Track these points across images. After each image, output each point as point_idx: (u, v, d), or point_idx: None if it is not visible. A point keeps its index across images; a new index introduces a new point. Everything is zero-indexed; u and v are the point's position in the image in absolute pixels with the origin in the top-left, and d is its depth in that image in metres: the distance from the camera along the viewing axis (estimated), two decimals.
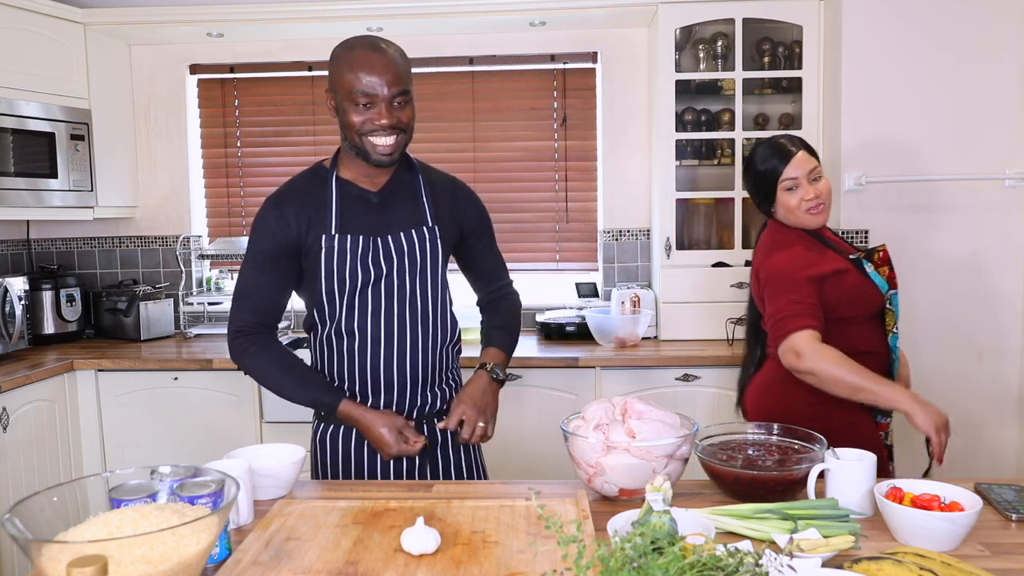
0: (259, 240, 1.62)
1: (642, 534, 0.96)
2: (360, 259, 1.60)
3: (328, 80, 1.58)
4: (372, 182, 1.64)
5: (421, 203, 1.67)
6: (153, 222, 3.59)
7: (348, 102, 1.53)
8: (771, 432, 1.54)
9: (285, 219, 1.59)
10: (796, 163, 1.84)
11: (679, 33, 3.05)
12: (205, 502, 1.12)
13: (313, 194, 1.62)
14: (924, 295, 2.88)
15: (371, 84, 1.51)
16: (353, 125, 1.54)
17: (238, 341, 1.65)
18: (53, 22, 3.06)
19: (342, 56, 1.55)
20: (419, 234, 1.64)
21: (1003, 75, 2.80)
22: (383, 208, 1.64)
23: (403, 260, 1.62)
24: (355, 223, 1.61)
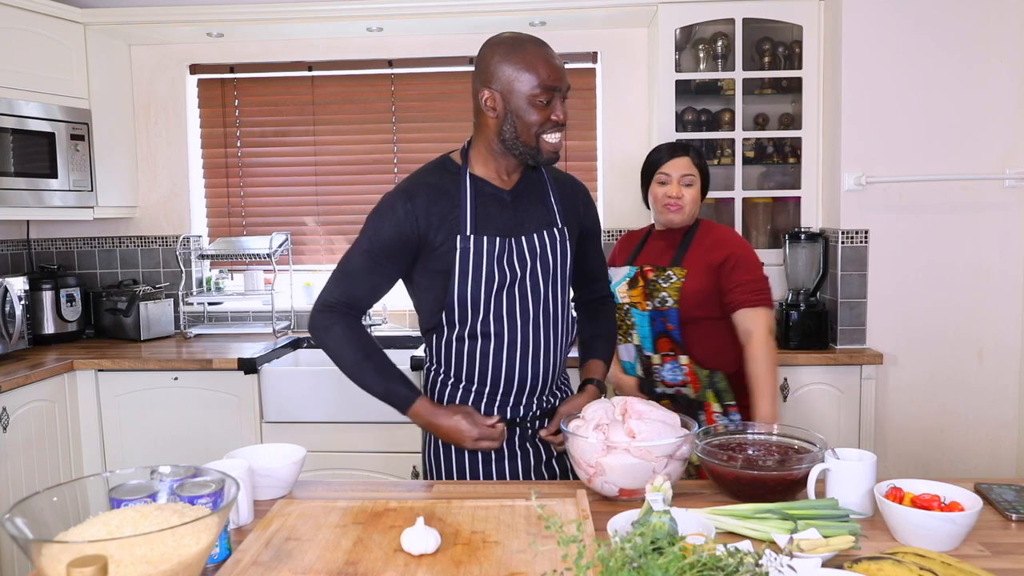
0: (381, 228, 1.57)
1: (642, 534, 0.96)
2: (496, 260, 1.55)
3: (490, 79, 1.50)
4: (504, 181, 1.60)
5: (549, 203, 1.65)
6: (153, 222, 3.59)
7: (527, 99, 1.48)
8: (771, 432, 1.54)
9: (414, 213, 1.54)
10: (676, 163, 2.04)
11: (679, 33, 3.05)
12: (205, 502, 1.12)
13: (445, 190, 1.57)
14: (924, 295, 2.88)
15: (553, 79, 1.48)
16: (531, 123, 1.50)
17: (323, 315, 1.60)
18: (53, 22, 3.06)
19: (515, 54, 1.49)
20: (550, 235, 1.62)
21: (1003, 75, 2.80)
22: (516, 208, 1.60)
23: (535, 262, 1.59)
24: (489, 223, 1.56)
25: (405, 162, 3.54)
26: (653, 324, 2.01)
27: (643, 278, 2.02)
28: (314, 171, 3.57)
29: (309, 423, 2.90)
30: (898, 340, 2.88)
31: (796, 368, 2.81)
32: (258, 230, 3.60)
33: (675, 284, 1.98)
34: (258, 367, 2.90)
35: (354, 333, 1.61)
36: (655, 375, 2.04)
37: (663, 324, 2.00)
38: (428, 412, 1.59)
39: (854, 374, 2.81)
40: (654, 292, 2.00)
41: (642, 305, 2.01)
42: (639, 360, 2.07)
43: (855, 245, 2.87)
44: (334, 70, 3.52)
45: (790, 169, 3.15)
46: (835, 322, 2.89)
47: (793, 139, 3.10)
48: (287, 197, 3.60)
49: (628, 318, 2.06)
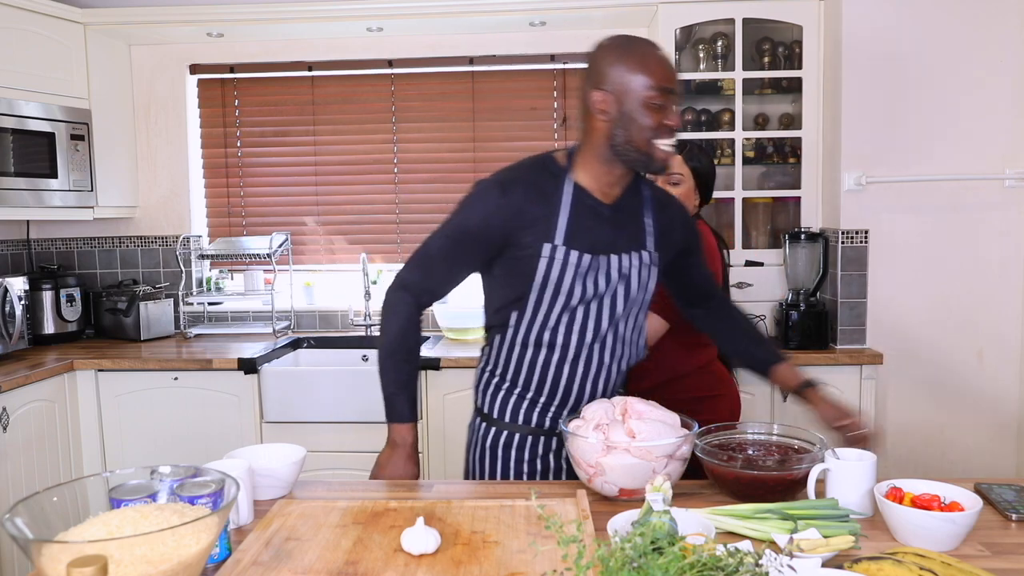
0: (469, 216, 1.51)
1: (642, 534, 0.96)
2: (582, 276, 1.50)
3: (602, 80, 1.44)
4: (606, 193, 1.53)
5: (645, 224, 1.58)
6: (153, 222, 3.59)
7: (641, 102, 1.41)
8: (771, 432, 1.54)
9: (507, 208, 1.48)
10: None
11: (679, 33, 3.05)
12: (205, 502, 1.12)
13: (543, 191, 1.50)
14: (924, 295, 2.88)
15: (667, 80, 1.42)
16: (644, 127, 1.42)
17: (399, 294, 1.58)
18: (53, 22, 3.06)
19: (629, 54, 1.42)
20: (640, 258, 1.56)
21: (1003, 75, 2.80)
22: (613, 224, 1.54)
23: (619, 282, 1.54)
24: (582, 237, 1.50)
25: (405, 162, 3.54)
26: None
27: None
28: (314, 171, 3.57)
29: (309, 423, 2.90)
30: (898, 340, 2.88)
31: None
32: (258, 230, 3.60)
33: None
34: (258, 367, 2.90)
35: (409, 329, 1.58)
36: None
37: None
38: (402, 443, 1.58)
39: (854, 374, 2.81)
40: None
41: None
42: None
43: (855, 245, 2.87)
44: (334, 70, 3.52)
45: (790, 169, 3.15)
46: (835, 322, 2.89)
47: (793, 139, 3.10)
48: (287, 197, 3.60)
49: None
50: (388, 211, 3.56)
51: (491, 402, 1.64)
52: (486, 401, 1.66)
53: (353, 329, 3.46)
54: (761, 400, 2.83)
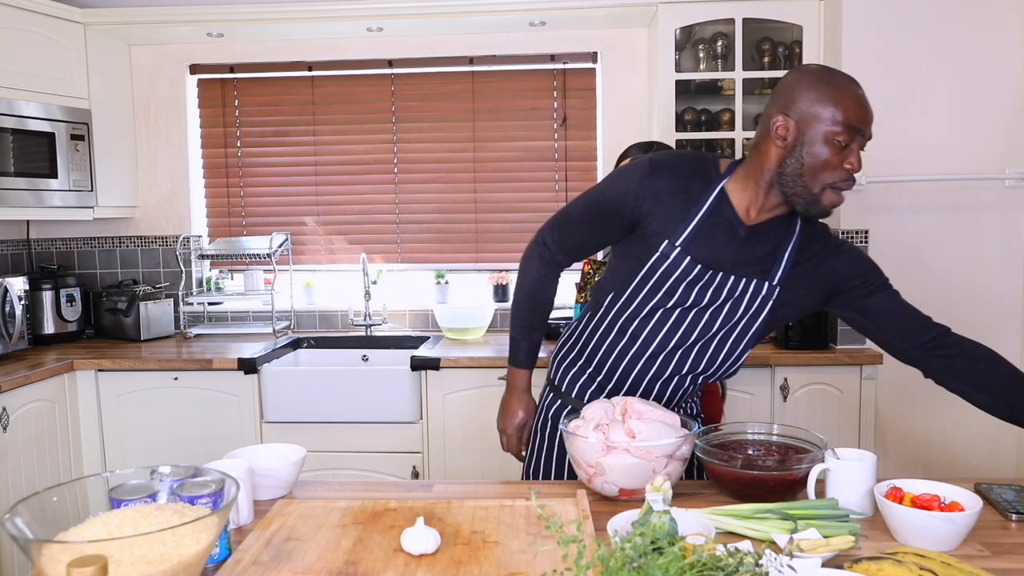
0: (612, 186, 1.51)
1: (642, 534, 0.96)
2: (689, 284, 1.47)
3: (788, 106, 1.37)
4: (751, 215, 1.46)
5: (779, 255, 1.49)
6: (153, 222, 3.59)
7: (824, 135, 1.34)
8: (771, 432, 1.54)
9: (646, 190, 1.46)
10: None
11: (679, 33, 3.05)
12: (205, 502, 1.12)
13: (689, 188, 1.46)
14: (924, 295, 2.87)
15: (859, 120, 1.34)
16: (820, 163, 1.35)
17: (536, 247, 1.64)
18: (53, 22, 3.06)
19: (824, 84, 1.35)
20: (757, 287, 1.48)
21: (1003, 75, 2.80)
22: (744, 245, 1.47)
23: (726, 303, 1.49)
24: (706, 248, 1.45)
25: (405, 162, 3.54)
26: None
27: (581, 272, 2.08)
28: (314, 171, 3.57)
29: (309, 423, 2.90)
30: None
31: (796, 368, 2.81)
32: (258, 230, 3.60)
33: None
34: (258, 367, 2.90)
35: (542, 280, 1.65)
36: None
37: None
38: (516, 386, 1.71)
39: (854, 374, 2.81)
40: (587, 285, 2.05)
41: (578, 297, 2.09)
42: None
43: (855, 245, 2.87)
44: (334, 70, 3.52)
45: None
46: (835, 322, 2.89)
47: None
48: (287, 197, 3.60)
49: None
50: (388, 211, 3.56)
51: (563, 376, 1.70)
52: (558, 374, 1.71)
53: (353, 329, 3.46)
54: (761, 400, 2.83)
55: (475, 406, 2.87)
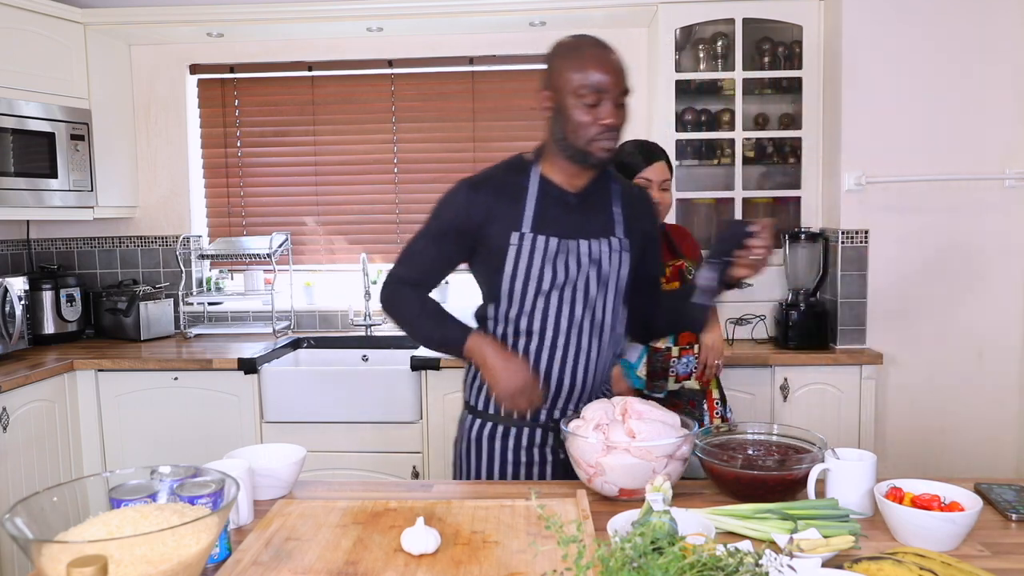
0: (442, 213, 1.61)
1: (642, 534, 0.96)
2: (551, 260, 1.56)
3: (547, 80, 1.55)
4: (572, 183, 1.60)
5: (612, 212, 1.63)
6: (153, 222, 3.59)
7: (575, 98, 1.49)
8: (771, 432, 1.54)
9: (476, 204, 1.56)
10: (655, 169, 2.05)
11: (679, 33, 3.05)
12: (205, 502, 1.12)
13: (511, 186, 1.59)
14: (924, 295, 2.88)
15: (602, 82, 1.47)
16: (578, 124, 1.49)
17: (392, 287, 1.66)
18: (53, 22, 3.06)
19: (570, 54, 1.51)
20: (610, 244, 1.60)
21: (1003, 75, 2.80)
22: (580, 211, 1.60)
23: (590, 267, 1.58)
24: (550, 223, 1.57)
25: (405, 162, 3.54)
26: None
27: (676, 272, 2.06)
28: (314, 171, 3.57)
29: (309, 423, 2.90)
30: (898, 340, 2.88)
31: (796, 368, 2.81)
32: (258, 230, 3.60)
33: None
34: (258, 367, 2.90)
35: (416, 298, 1.66)
36: (670, 370, 2.05)
37: None
38: (482, 345, 1.58)
39: (854, 374, 2.81)
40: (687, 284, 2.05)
41: None
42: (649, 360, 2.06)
43: (855, 245, 2.87)
44: (334, 70, 3.52)
45: (790, 169, 3.15)
46: (835, 322, 2.89)
47: (793, 139, 3.10)
48: (287, 197, 3.60)
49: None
50: (388, 211, 3.55)
51: (478, 395, 1.68)
52: (472, 394, 1.70)
53: (353, 329, 3.46)
54: (761, 400, 2.83)
55: None
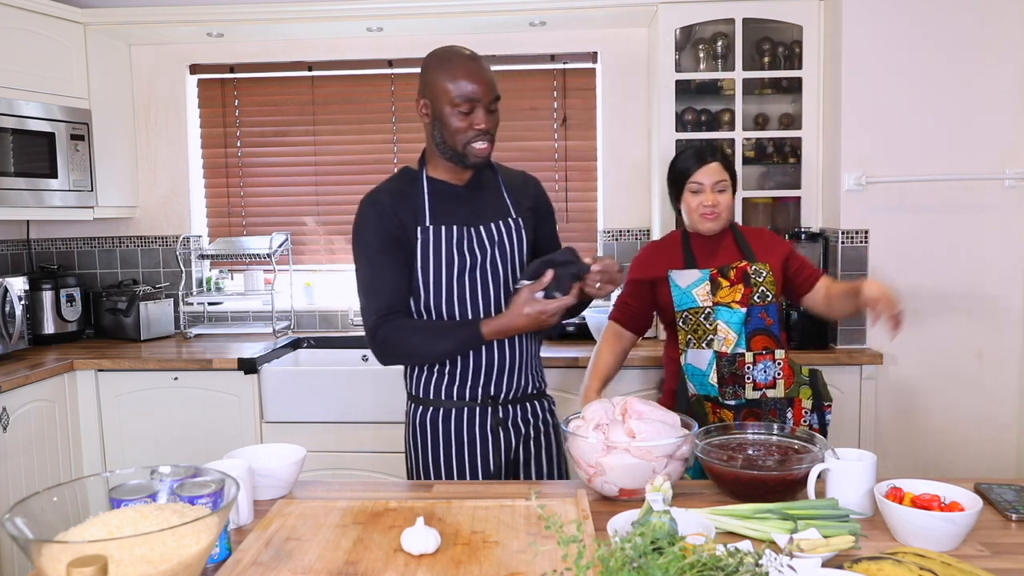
0: (366, 237, 1.69)
1: (642, 534, 0.96)
2: (455, 247, 1.69)
3: (423, 89, 1.68)
4: (458, 179, 1.74)
5: (503, 197, 1.78)
6: (153, 222, 3.59)
7: (449, 107, 1.62)
8: (771, 432, 1.54)
9: (384, 213, 1.69)
10: (707, 171, 2.01)
11: (679, 33, 3.04)
12: (205, 502, 1.12)
13: (405, 191, 1.72)
14: (924, 295, 2.88)
15: (474, 91, 1.61)
16: (455, 129, 1.64)
17: (379, 331, 1.68)
18: (53, 22, 3.06)
19: (442, 66, 1.64)
20: (506, 225, 1.74)
21: (1003, 75, 2.80)
22: (472, 200, 1.74)
23: (494, 249, 1.71)
24: (447, 214, 1.70)
25: (405, 162, 3.52)
26: (749, 321, 1.96)
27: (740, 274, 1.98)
28: (314, 171, 3.57)
29: (309, 423, 2.90)
30: (898, 340, 2.88)
31: None
32: (258, 230, 3.60)
33: (768, 278, 1.98)
34: (258, 367, 2.90)
35: (404, 326, 1.69)
36: (745, 377, 1.95)
37: (761, 320, 1.97)
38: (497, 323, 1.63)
39: (854, 374, 2.81)
40: (754, 287, 1.97)
41: (736, 304, 1.96)
42: (718, 366, 1.96)
43: (855, 245, 2.87)
44: (334, 70, 3.52)
45: (790, 169, 3.15)
46: (835, 322, 2.89)
47: (793, 139, 3.10)
48: (287, 197, 3.60)
49: (708, 321, 1.98)
50: None
51: (417, 384, 1.78)
52: (413, 383, 1.79)
53: (353, 329, 3.46)
54: None
55: None
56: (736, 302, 1.96)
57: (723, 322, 1.96)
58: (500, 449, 1.75)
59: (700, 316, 1.98)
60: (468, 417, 1.74)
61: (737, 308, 1.96)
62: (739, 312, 1.96)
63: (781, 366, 1.98)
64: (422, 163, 1.77)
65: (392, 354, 1.70)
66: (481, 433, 1.74)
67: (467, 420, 1.74)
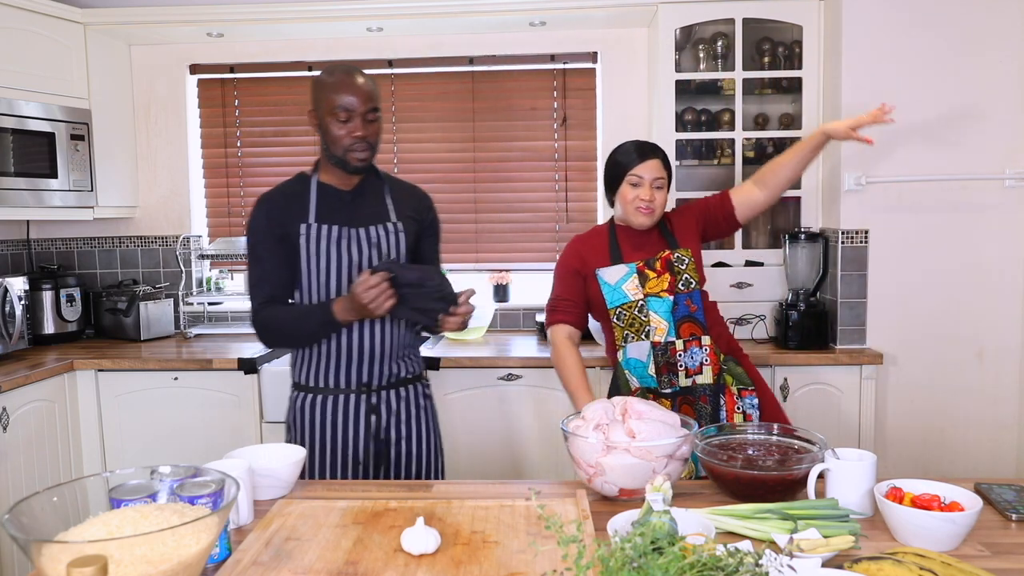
0: (254, 234, 1.87)
1: (642, 534, 0.96)
2: (335, 245, 1.84)
3: (312, 101, 1.84)
4: (345, 184, 1.89)
5: (385, 204, 1.93)
6: (153, 222, 3.59)
7: (330, 117, 1.78)
8: (771, 432, 1.54)
9: (272, 212, 1.85)
10: (648, 166, 2.04)
11: (679, 33, 3.04)
12: (205, 502, 1.12)
13: (296, 193, 1.88)
14: (924, 295, 2.88)
15: (350, 102, 1.77)
16: (336, 137, 1.79)
17: (258, 316, 1.86)
18: (53, 22, 3.06)
19: (324, 79, 1.81)
20: (385, 228, 1.88)
21: (1003, 75, 2.80)
22: (355, 204, 1.89)
23: (371, 249, 1.86)
24: (331, 215, 1.86)
25: (405, 162, 3.54)
26: (676, 309, 2.01)
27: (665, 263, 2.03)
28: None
29: None
30: (898, 340, 2.88)
31: (796, 368, 2.81)
32: None
33: (691, 265, 2.04)
34: (258, 367, 2.90)
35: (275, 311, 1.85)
36: (677, 364, 2.00)
37: (687, 307, 2.02)
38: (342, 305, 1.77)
39: (854, 374, 2.81)
40: (678, 275, 2.02)
41: (664, 292, 2.01)
42: (654, 356, 2.01)
43: (855, 245, 2.87)
44: None
45: None
46: (835, 322, 2.89)
47: (793, 139, 3.09)
48: None
49: (642, 313, 2.01)
50: None
51: (299, 373, 1.92)
52: (296, 372, 1.93)
53: None
54: None
55: (475, 406, 2.87)
56: (664, 291, 2.02)
57: (655, 312, 2.01)
58: (371, 431, 1.88)
59: (634, 310, 2.03)
60: (344, 403, 1.87)
61: (666, 296, 2.01)
62: (667, 300, 2.01)
63: (707, 352, 2.02)
64: (315, 168, 1.92)
65: (268, 338, 1.89)
66: (355, 417, 1.88)
67: (342, 405, 1.87)
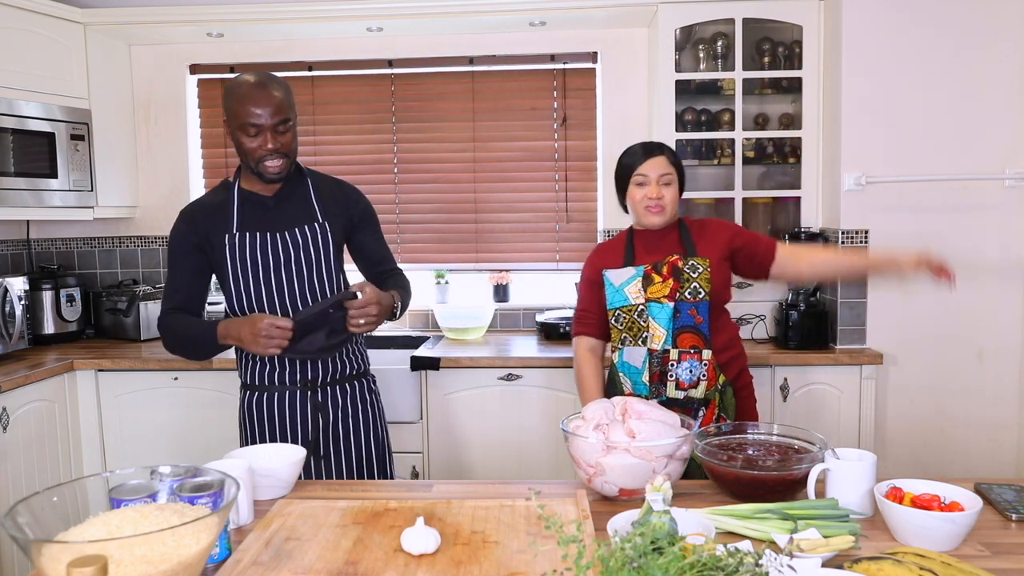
0: (173, 245, 1.91)
1: (642, 534, 0.96)
2: (260, 251, 1.86)
3: (224, 112, 1.84)
4: (268, 190, 1.91)
5: (311, 204, 1.94)
6: (153, 222, 3.59)
7: (240, 132, 1.78)
8: (771, 432, 1.54)
9: (193, 224, 1.89)
10: (653, 163, 1.99)
11: (679, 33, 3.05)
12: (205, 502, 1.12)
13: (218, 203, 1.91)
14: (924, 295, 2.88)
15: (256, 115, 1.76)
16: (247, 150, 1.80)
17: (162, 322, 1.90)
18: (53, 22, 3.06)
19: (232, 92, 1.80)
20: (311, 229, 1.90)
21: (1003, 75, 2.80)
22: (278, 209, 1.91)
23: (298, 252, 1.88)
24: (253, 223, 1.88)
25: (405, 162, 3.54)
26: (677, 317, 1.92)
27: (671, 268, 1.94)
28: None
29: None
30: (898, 340, 2.88)
31: (796, 368, 2.81)
32: None
33: (704, 275, 1.93)
34: None
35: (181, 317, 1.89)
36: (668, 376, 1.92)
37: (690, 317, 1.92)
38: (225, 325, 1.81)
39: (854, 374, 2.81)
40: (686, 282, 1.92)
41: (666, 299, 1.92)
42: (649, 363, 1.93)
43: (855, 245, 2.87)
44: (334, 70, 3.52)
45: (790, 169, 3.15)
46: (835, 322, 2.89)
47: (793, 139, 3.10)
48: None
49: (641, 318, 1.95)
50: (388, 211, 3.55)
51: (246, 372, 1.96)
52: (242, 372, 1.97)
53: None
54: (761, 400, 2.82)
55: (475, 406, 2.87)
56: (665, 297, 1.92)
57: (654, 319, 1.93)
58: (319, 427, 1.91)
59: (634, 313, 1.96)
60: (290, 400, 1.90)
61: (666, 303, 1.92)
62: (667, 307, 1.92)
63: (707, 367, 1.92)
64: (237, 176, 1.93)
65: (168, 345, 1.92)
66: (302, 414, 1.91)
67: (288, 402, 1.90)
